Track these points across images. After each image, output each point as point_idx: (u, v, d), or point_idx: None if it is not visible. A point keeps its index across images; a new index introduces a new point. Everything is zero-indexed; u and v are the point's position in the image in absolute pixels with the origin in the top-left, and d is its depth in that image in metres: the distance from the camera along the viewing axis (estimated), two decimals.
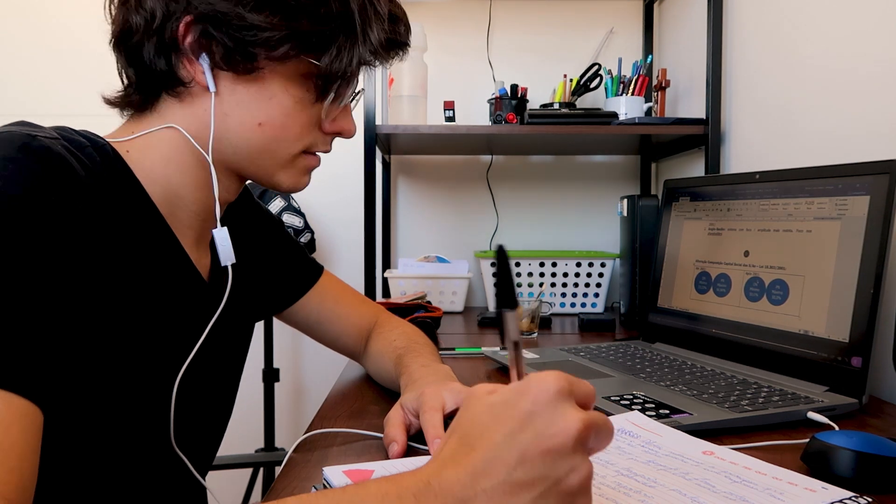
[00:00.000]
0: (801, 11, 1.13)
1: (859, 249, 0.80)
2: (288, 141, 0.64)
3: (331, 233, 1.90)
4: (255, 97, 0.61)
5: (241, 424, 1.96)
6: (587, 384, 0.39)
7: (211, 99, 0.60)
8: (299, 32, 0.59)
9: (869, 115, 0.95)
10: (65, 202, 0.49)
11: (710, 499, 0.48)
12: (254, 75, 0.60)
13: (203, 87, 0.60)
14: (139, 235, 0.59)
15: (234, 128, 0.62)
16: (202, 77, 0.60)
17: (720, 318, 1.00)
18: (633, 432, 0.63)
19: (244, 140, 0.62)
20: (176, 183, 0.62)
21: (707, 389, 0.80)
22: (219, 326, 0.67)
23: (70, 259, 0.49)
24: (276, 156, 0.64)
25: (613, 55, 1.80)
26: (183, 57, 0.59)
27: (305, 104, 0.63)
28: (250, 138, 0.62)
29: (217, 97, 0.61)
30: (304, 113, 0.64)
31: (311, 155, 0.68)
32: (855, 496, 0.49)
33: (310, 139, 0.66)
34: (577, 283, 1.63)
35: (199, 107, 0.61)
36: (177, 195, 0.63)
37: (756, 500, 0.48)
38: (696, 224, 1.09)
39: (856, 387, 0.77)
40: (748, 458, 0.57)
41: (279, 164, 0.65)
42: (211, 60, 0.59)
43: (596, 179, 1.90)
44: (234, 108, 0.61)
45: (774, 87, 1.22)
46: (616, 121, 1.50)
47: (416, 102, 1.53)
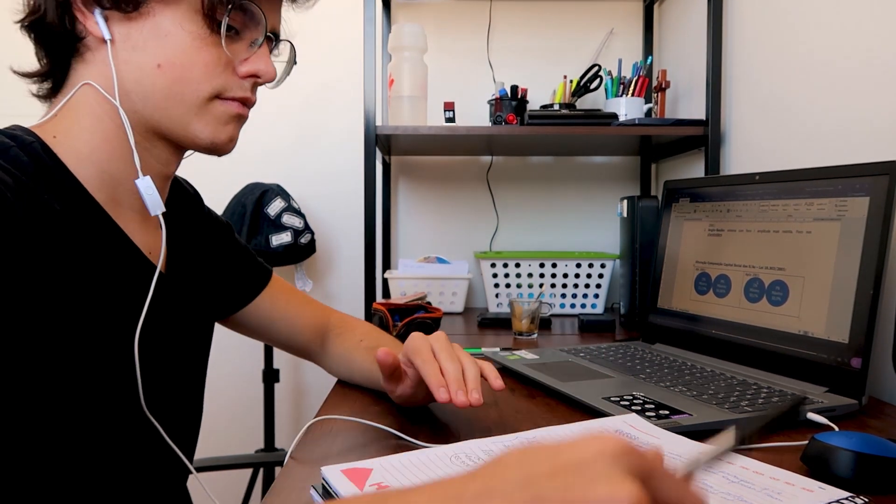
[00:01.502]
0: (800, 12, 1.13)
1: (859, 250, 0.80)
2: (193, 82, 0.62)
3: (331, 233, 1.91)
4: (150, 37, 0.60)
5: (241, 424, 1.96)
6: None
7: (108, 48, 0.60)
8: None
9: (869, 116, 0.95)
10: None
11: (709, 500, 0.48)
12: (143, 13, 0.60)
13: (99, 38, 0.60)
14: (77, 224, 0.58)
15: (135, 75, 0.61)
16: (95, 27, 0.60)
17: (720, 319, 1.00)
18: (630, 434, 0.63)
19: (148, 86, 0.61)
20: (105, 160, 0.62)
21: (707, 390, 0.80)
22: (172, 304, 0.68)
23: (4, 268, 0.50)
24: (185, 100, 0.62)
25: (613, 56, 1.81)
26: (76, 11, 0.60)
27: (205, 41, 0.62)
28: (153, 83, 0.61)
29: (113, 45, 0.60)
30: (205, 51, 0.62)
31: (227, 101, 0.65)
32: (851, 496, 0.49)
33: (220, 81, 0.63)
34: (576, 284, 1.63)
35: (100, 61, 0.61)
36: (110, 175, 0.62)
37: (754, 501, 0.48)
38: (696, 225, 1.09)
39: (855, 387, 0.77)
40: (745, 458, 0.57)
41: (190, 109, 0.63)
42: (100, 7, 0.60)
43: (596, 180, 1.90)
44: (131, 54, 0.61)
45: (774, 88, 1.22)
46: (616, 122, 1.50)
47: (416, 103, 1.53)
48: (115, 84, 0.61)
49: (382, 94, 1.76)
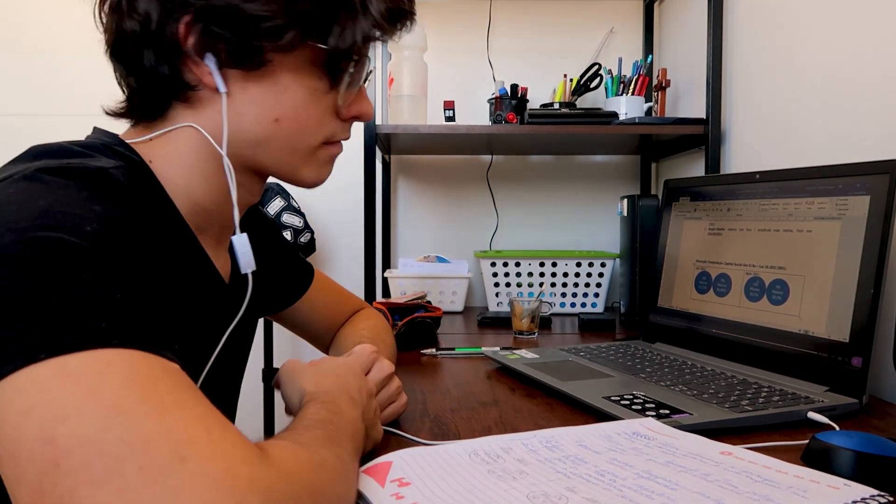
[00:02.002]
0: (800, 11, 1.13)
1: (859, 249, 0.80)
2: (307, 133, 0.62)
3: (331, 233, 1.90)
4: (268, 92, 0.59)
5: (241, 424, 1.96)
6: None
7: (222, 100, 0.58)
8: (300, 16, 0.57)
9: (869, 115, 0.95)
10: (131, 227, 0.48)
11: (735, 500, 0.48)
12: (262, 69, 0.58)
13: (212, 88, 0.58)
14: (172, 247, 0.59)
15: (251, 127, 0.60)
16: (210, 78, 0.57)
17: (720, 318, 1.00)
18: (648, 436, 0.63)
19: (262, 138, 0.60)
20: (199, 193, 0.61)
21: (707, 389, 0.80)
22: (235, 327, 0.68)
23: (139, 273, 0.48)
24: (297, 150, 0.62)
25: (613, 55, 1.80)
26: (187, 59, 0.57)
27: (320, 93, 0.61)
28: (269, 136, 0.60)
29: (228, 97, 0.58)
30: (319, 102, 0.61)
31: (331, 144, 0.66)
32: (878, 494, 0.49)
33: (329, 129, 0.64)
34: (577, 283, 1.63)
35: (211, 109, 0.59)
36: (202, 207, 0.62)
37: (780, 500, 0.48)
38: (697, 224, 1.09)
39: (856, 387, 0.77)
40: (767, 457, 0.57)
41: (301, 158, 0.63)
42: (217, 60, 0.57)
43: (596, 179, 1.90)
44: (247, 107, 0.59)
45: (775, 87, 1.22)
46: (616, 121, 1.50)
47: (416, 102, 1.53)
48: (225, 135, 0.59)
49: (382, 93, 1.76)
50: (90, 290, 0.40)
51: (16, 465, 0.35)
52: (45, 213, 0.42)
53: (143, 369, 0.39)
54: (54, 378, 0.36)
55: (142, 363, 0.39)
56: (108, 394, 0.36)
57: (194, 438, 0.37)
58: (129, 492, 0.34)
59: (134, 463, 0.34)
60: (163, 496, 0.34)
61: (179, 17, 0.55)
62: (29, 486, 0.35)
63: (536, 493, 0.49)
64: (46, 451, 0.34)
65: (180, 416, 0.37)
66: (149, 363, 0.39)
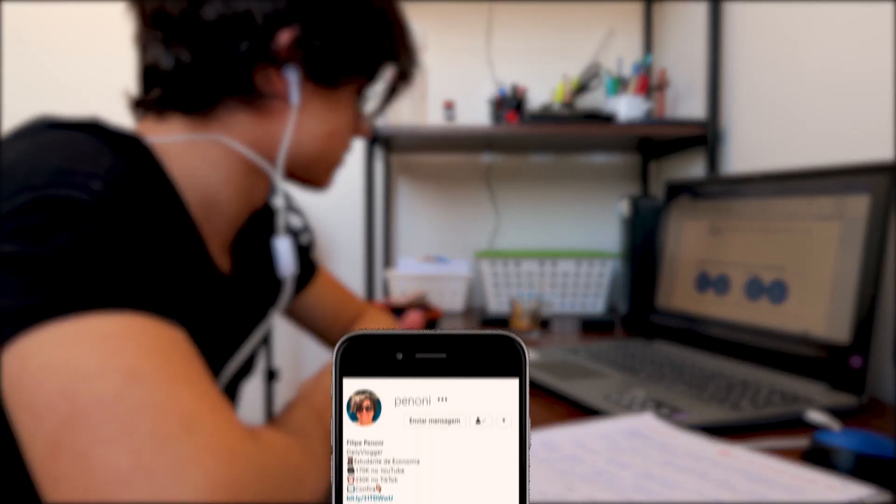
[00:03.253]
0: (800, 11, 1.13)
1: (859, 249, 0.80)
2: (342, 147, 0.67)
3: (331, 232, 1.90)
4: (329, 109, 0.63)
5: None
6: None
7: (291, 113, 0.59)
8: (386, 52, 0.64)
9: (869, 115, 0.95)
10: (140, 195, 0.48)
11: (734, 500, 0.48)
12: (336, 89, 0.62)
13: (280, 97, 0.58)
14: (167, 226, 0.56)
15: (302, 139, 0.62)
16: (283, 87, 0.58)
17: (720, 318, 1.00)
18: (646, 435, 0.63)
19: (307, 149, 0.63)
20: (215, 190, 0.60)
21: (707, 389, 0.80)
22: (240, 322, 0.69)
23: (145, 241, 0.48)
24: (330, 162, 0.67)
25: (613, 55, 1.80)
26: (270, 65, 0.56)
27: (356, 110, 0.67)
28: (316, 149, 0.63)
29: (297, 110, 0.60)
30: (354, 119, 0.67)
31: None
32: (877, 494, 0.49)
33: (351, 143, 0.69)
34: (577, 283, 1.63)
35: (273, 118, 0.59)
36: (213, 200, 0.60)
37: (779, 499, 0.48)
38: (697, 224, 1.09)
39: (856, 387, 0.77)
40: (766, 457, 0.57)
41: (330, 168, 0.68)
42: (302, 73, 0.58)
43: (596, 179, 1.90)
44: (306, 120, 0.61)
45: (774, 87, 1.22)
46: (616, 121, 1.50)
47: (416, 102, 1.53)
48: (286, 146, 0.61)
49: None
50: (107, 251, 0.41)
51: (34, 417, 0.36)
52: (57, 171, 0.42)
53: (158, 338, 0.40)
54: (77, 337, 0.37)
55: (157, 331, 0.41)
56: (128, 359, 0.38)
57: (199, 412, 0.39)
58: (140, 454, 0.35)
59: (146, 428, 0.36)
60: (171, 462, 0.36)
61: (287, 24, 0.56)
62: (45, 438, 0.36)
63: (535, 493, 0.49)
64: (66, 406, 0.36)
65: (188, 390, 0.39)
66: (162, 332, 0.41)
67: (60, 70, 1.88)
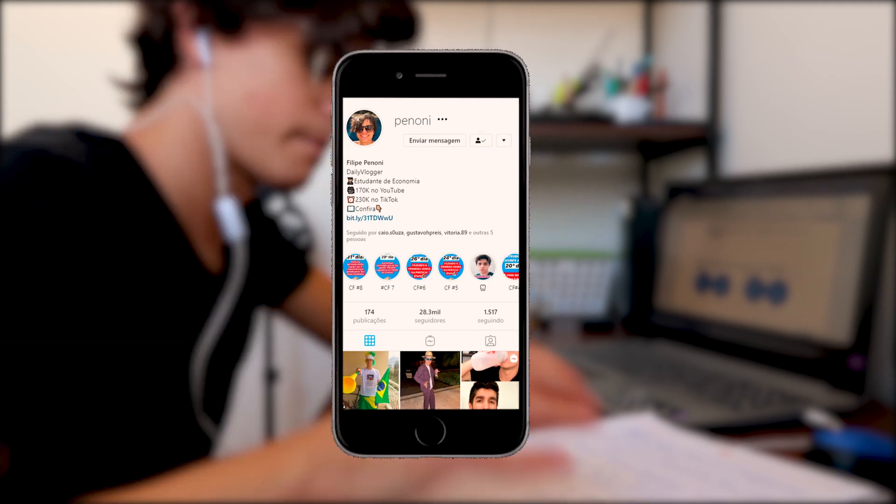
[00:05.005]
0: (800, 12, 1.13)
1: (859, 249, 0.80)
2: (278, 115, 0.61)
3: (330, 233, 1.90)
4: (245, 67, 0.61)
5: (241, 424, 1.96)
6: None
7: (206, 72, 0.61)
8: None
9: (869, 116, 0.95)
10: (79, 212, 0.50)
11: (734, 500, 0.48)
12: (242, 42, 0.60)
13: (197, 60, 0.61)
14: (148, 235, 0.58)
15: (226, 101, 0.61)
16: (195, 50, 0.60)
17: (720, 319, 1.00)
18: (647, 436, 0.63)
19: (235, 114, 0.61)
20: (189, 181, 0.62)
21: (707, 389, 0.80)
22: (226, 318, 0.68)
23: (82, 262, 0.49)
24: (268, 132, 0.62)
25: (613, 56, 1.80)
26: (182, 31, 0.60)
27: (297, 77, 0.61)
28: (242, 113, 0.61)
29: (212, 71, 0.61)
30: (295, 86, 0.61)
31: (305, 141, 0.64)
32: (877, 494, 0.49)
33: (305, 118, 0.63)
34: (577, 284, 1.63)
35: (194, 83, 0.62)
36: (191, 195, 0.62)
37: (779, 499, 0.48)
38: (697, 224, 1.09)
39: (856, 387, 0.77)
40: (765, 457, 0.57)
41: (271, 143, 0.62)
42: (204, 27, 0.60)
43: (596, 180, 1.90)
44: (225, 81, 0.61)
45: (774, 87, 1.22)
46: (616, 121, 1.50)
47: None
48: (208, 106, 0.61)
49: None
50: None
51: None
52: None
53: None
54: None
55: None
56: None
57: None
58: None
59: None
60: None
61: None
62: None
63: (535, 494, 0.49)
64: None
65: None
66: None
67: (61, 70, 1.88)
